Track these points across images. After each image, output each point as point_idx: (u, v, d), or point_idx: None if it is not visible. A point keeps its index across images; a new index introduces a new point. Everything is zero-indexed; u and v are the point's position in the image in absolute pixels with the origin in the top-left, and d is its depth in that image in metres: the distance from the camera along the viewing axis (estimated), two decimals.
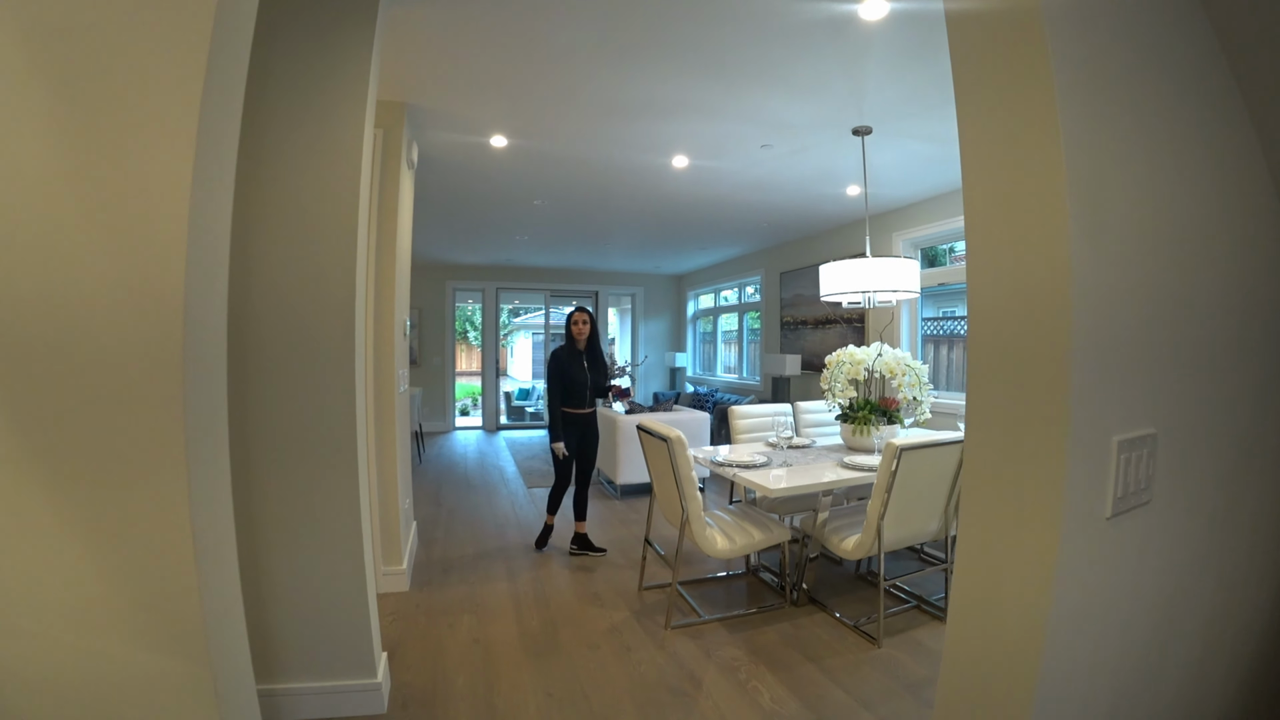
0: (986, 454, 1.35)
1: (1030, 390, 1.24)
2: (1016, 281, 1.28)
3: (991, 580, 1.32)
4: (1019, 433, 1.27)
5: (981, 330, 1.38)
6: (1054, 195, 1.17)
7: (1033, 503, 1.23)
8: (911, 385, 4.01)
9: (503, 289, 11.45)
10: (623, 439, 6.05)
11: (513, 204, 6.31)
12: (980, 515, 1.36)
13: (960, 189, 5.24)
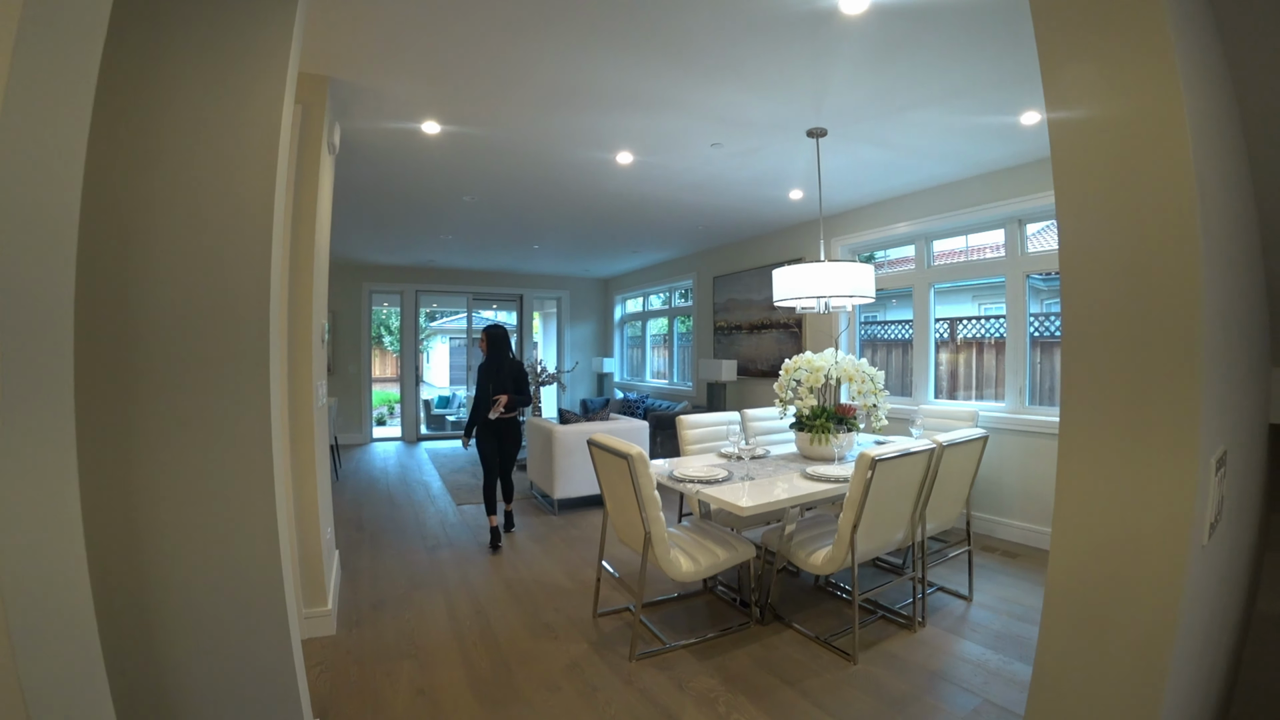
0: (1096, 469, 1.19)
1: (1152, 396, 1.10)
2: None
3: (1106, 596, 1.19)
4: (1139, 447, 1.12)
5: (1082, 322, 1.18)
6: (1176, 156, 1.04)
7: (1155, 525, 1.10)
8: (870, 393, 3.85)
9: (423, 292, 10.88)
10: (560, 452, 5.69)
11: (441, 199, 5.87)
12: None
13: (902, 194, 5.16)
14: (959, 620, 3.52)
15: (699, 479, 3.31)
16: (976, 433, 3.64)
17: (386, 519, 5.56)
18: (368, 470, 8.00)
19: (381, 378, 17.80)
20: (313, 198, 3.09)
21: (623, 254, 9.25)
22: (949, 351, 5.76)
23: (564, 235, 7.74)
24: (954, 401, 5.56)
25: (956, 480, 3.61)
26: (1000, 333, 5.33)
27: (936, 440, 3.33)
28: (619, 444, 3.09)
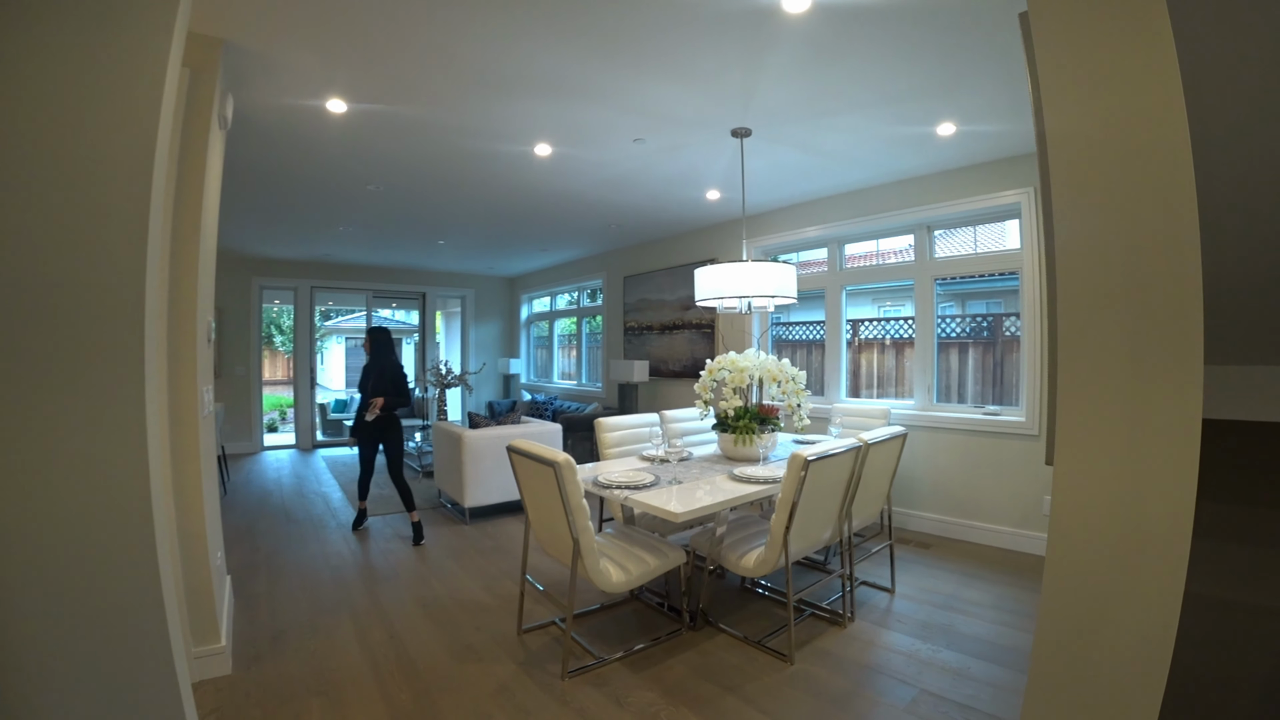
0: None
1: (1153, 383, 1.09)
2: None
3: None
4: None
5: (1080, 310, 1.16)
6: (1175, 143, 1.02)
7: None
8: (794, 393, 3.80)
9: (319, 288, 10.13)
10: (470, 458, 5.39)
11: (343, 187, 5.42)
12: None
13: (817, 199, 5.19)
14: (885, 613, 3.54)
15: (626, 484, 3.15)
16: (897, 430, 3.66)
17: (284, 537, 5.08)
18: (260, 482, 7.35)
19: (273, 380, 16.74)
20: (199, 176, 2.69)
21: (532, 252, 8.98)
22: (854, 351, 5.85)
23: (473, 231, 7.39)
24: (866, 400, 5.66)
25: (879, 477, 3.62)
26: (904, 333, 5.45)
27: (861, 438, 3.31)
28: (543, 450, 2.89)
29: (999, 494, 4.67)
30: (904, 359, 5.49)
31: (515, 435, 5.61)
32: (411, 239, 7.91)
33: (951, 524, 4.90)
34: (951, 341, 5.13)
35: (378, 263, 10.00)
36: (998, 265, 4.79)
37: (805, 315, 6.50)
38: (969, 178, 4.81)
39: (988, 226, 5.05)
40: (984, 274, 4.96)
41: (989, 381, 4.96)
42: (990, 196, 4.69)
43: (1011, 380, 4.82)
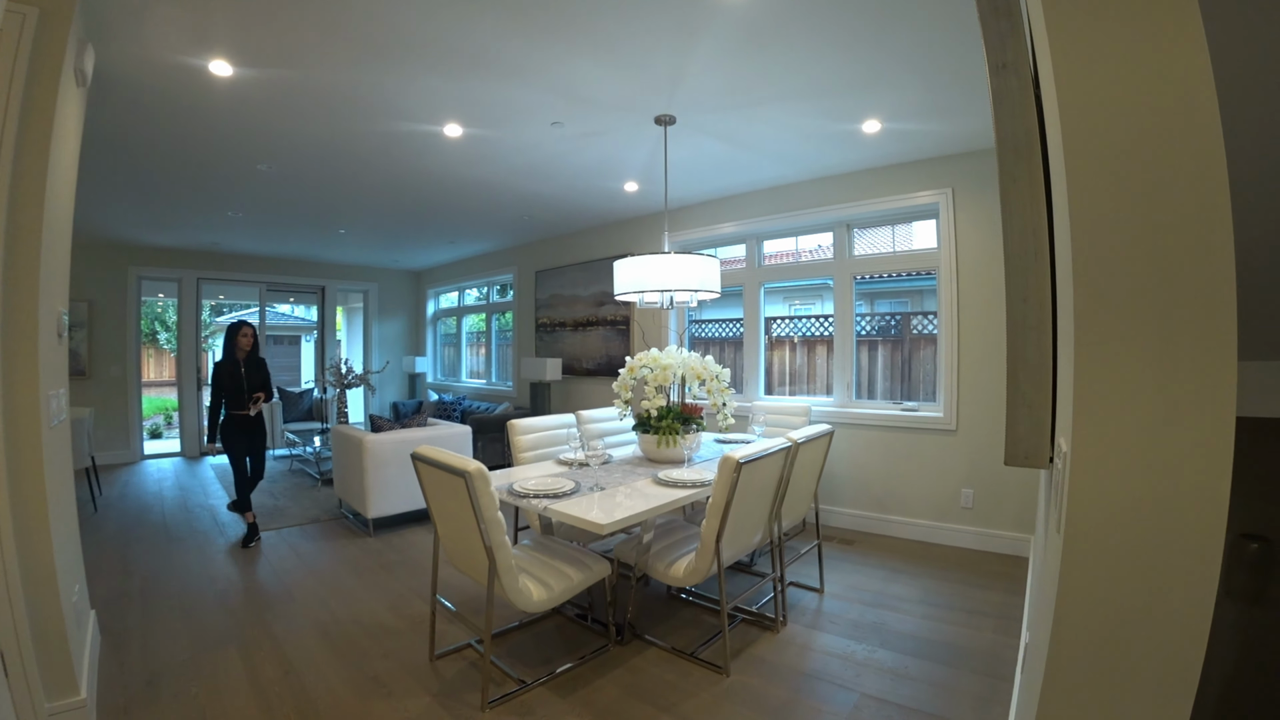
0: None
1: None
2: None
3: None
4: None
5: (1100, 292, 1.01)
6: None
7: None
8: (719, 391, 3.64)
9: (206, 280, 9.24)
10: (373, 464, 4.98)
11: (230, 165, 4.85)
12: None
13: (737, 194, 5.11)
14: (816, 614, 3.45)
15: (544, 492, 2.90)
16: (823, 428, 3.56)
17: (162, 560, 4.47)
18: (137, 495, 6.57)
19: (158, 381, 15.46)
20: (44, 140, 2.22)
21: (439, 245, 8.52)
22: (769, 349, 5.79)
23: (378, 220, 6.89)
24: (784, 397, 5.59)
25: (807, 476, 3.53)
26: (817, 331, 5.43)
27: (791, 438, 3.18)
28: (451, 458, 2.60)
29: (918, 489, 4.69)
30: (816, 356, 5.46)
31: (421, 439, 5.23)
32: (309, 227, 7.29)
33: (872, 519, 4.90)
34: (863, 339, 5.14)
35: (272, 253, 9.20)
36: (916, 264, 4.81)
37: (720, 313, 6.40)
38: (890, 177, 4.80)
39: (901, 227, 5.07)
40: (899, 273, 4.98)
41: (898, 378, 4.98)
42: (909, 196, 4.70)
43: (920, 377, 4.85)
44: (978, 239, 4.44)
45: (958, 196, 4.51)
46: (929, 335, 4.84)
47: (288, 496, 6.50)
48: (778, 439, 3.15)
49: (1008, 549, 4.34)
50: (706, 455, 3.89)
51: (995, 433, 4.38)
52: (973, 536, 4.47)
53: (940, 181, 4.58)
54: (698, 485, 3.04)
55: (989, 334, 4.40)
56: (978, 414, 4.45)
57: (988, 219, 4.40)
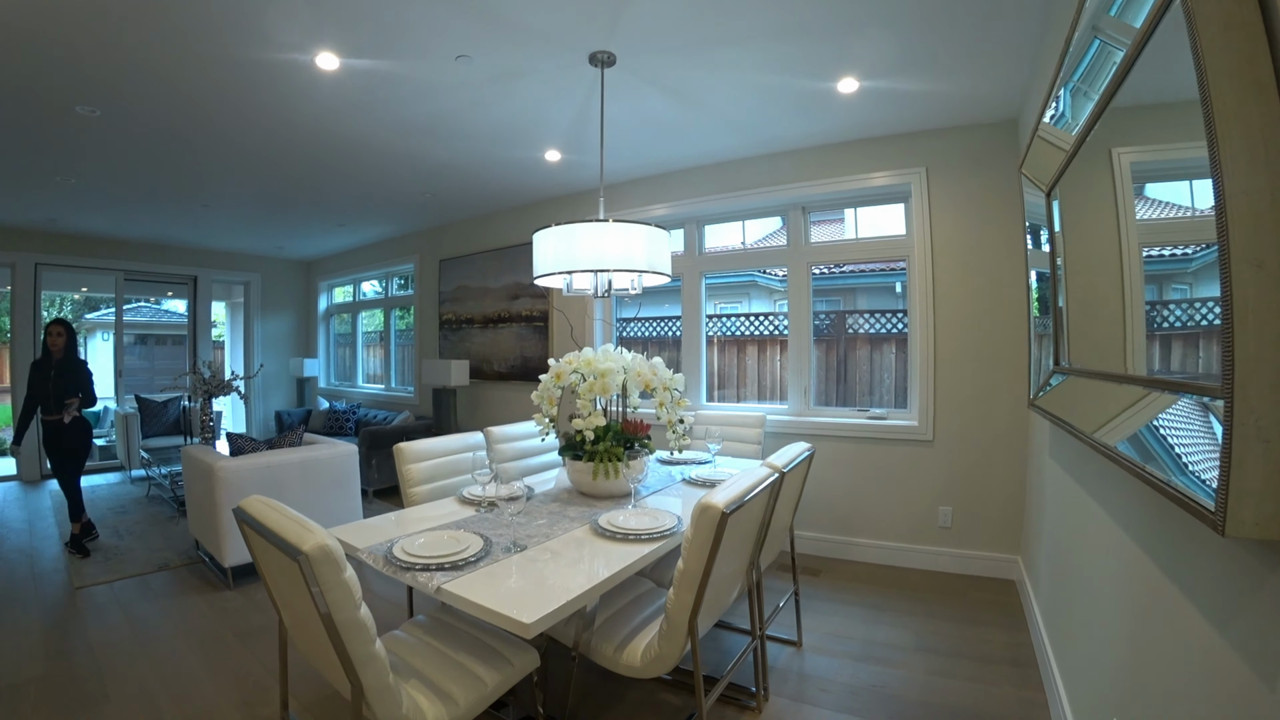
0: None
1: None
2: None
3: None
4: None
5: None
6: None
7: None
8: (674, 404, 2.79)
9: (47, 266, 7.56)
10: (227, 497, 3.82)
11: (41, 107, 3.58)
12: None
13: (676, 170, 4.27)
14: (800, 679, 2.71)
15: (440, 560, 1.97)
16: (803, 448, 2.75)
17: None
18: None
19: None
20: None
21: (326, 228, 7.25)
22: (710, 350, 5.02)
23: (244, 191, 5.57)
24: (735, 405, 4.81)
25: (787, 507, 2.72)
26: (765, 330, 4.68)
27: (773, 465, 2.36)
28: (285, 526, 1.62)
29: (889, 507, 4.00)
30: (766, 358, 4.71)
31: (290, 463, 4.13)
32: (166, 200, 5.85)
33: (838, 543, 4.18)
34: (821, 338, 4.43)
35: (130, 234, 7.60)
36: (882, 253, 4.12)
37: (648, 310, 5.58)
38: (854, 155, 4.10)
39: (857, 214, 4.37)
40: (856, 266, 4.29)
41: (855, 382, 4.30)
42: (873, 176, 4.01)
43: (882, 381, 4.18)
44: (954, 225, 3.79)
45: (932, 177, 3.84)
46: (886, 335, 4.19)
47: (135, 534, 5.14)
48: (753, 467, 2.33)
49: (990, 571, 3.71)
50: (655, 484, 3.04)
51: (977, 442, 3.73)
52: (952, 559, 3.81)
53: (912, 160, 3.90)
54: (657, 536, 2.18)
55: (969, 331, 3.75)
56: (957, 422, 3.79)
57: (966, 203, 3.76)
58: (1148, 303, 1.29)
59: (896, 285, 4.51)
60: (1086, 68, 1.63)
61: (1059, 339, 2.08)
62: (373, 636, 1.57)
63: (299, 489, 4.15)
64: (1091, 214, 1.65)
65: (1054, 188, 1.99)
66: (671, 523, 2.28)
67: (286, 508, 1.74)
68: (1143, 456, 1.23)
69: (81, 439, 4.70)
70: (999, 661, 2.76)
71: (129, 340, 14.11)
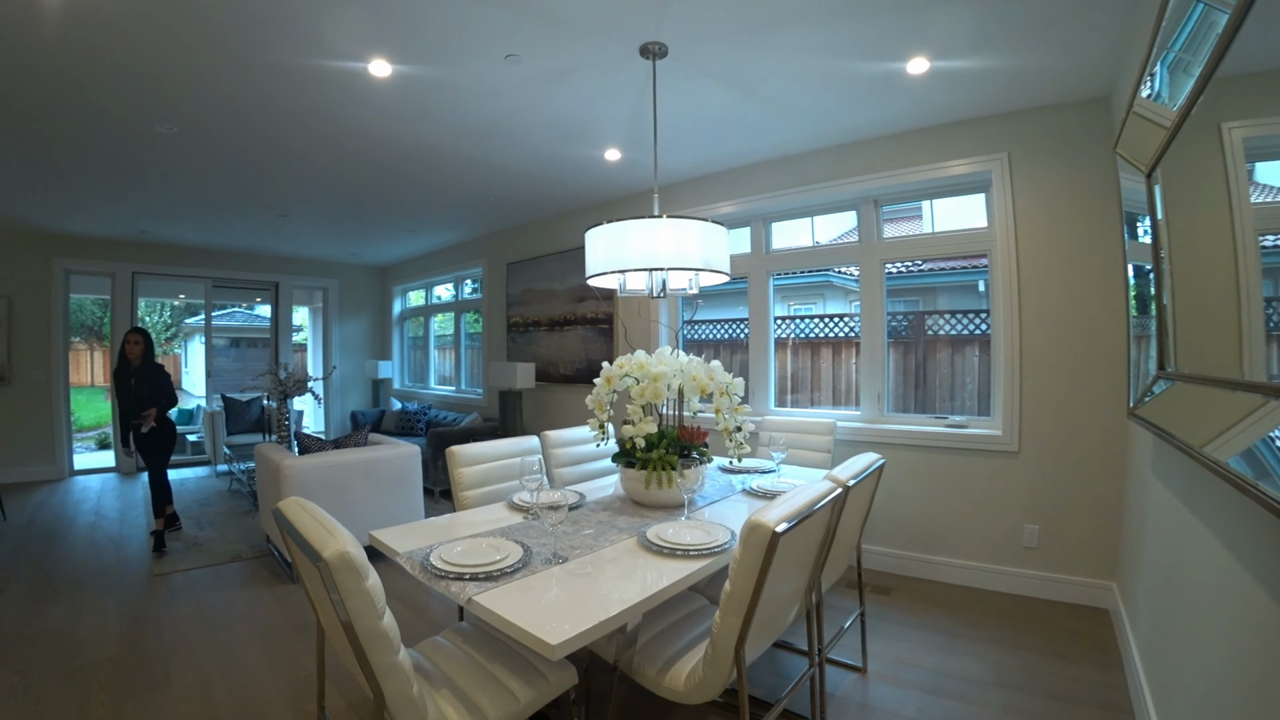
0: None
1: None
2: None
3: None
4: None
5: None
6: None
7: None
8: (732, 411, 2.65)
9: (143, 275, 8.06)
10: (291, 494, 3.91)
11: (122, 127, 3.79)
12: None
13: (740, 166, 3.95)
14: (862, 709, 2.51)
15: (476, 569, 1.88)
16: (873, 460, 2.55)
17: (24, 614, 3.39)
18: (45, 521, 5.46)
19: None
20: None
21: (398, 234, 7.43)
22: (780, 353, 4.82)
23: (314, 200, 5.76)
24: (801, 410, 4.60)
25: (853, 523, 2.53)
26: (837, 332, 4.46)
27: (837, 478, 2.18)
28: (311, 527, 1.57)
29: (968, 523, 3.71)
30: (841, 360, 4.48)
31: (352, 463, 4.20)
32: (246, 212, 6.17)
33: (912, 560, 3.91)
34: (897, 341, 4.17)
35: (215, 244, 8.06)
36: (961, 247, 3.83)
37: (714, 313, 5.43)
38: (927, 142, 3.83)
39: (942, 203, 4.10)
40: (936, 259, 4.01)
41: (935, 387, 4.02)
42: (951, 164, 3.73)
43: (961, 386, 3.90)
44: (1041, 214, 3.48)
45: (1015, 163, 3.55)
46: (968, 336, 3.90)
47: (214, 525, 5.40)
48: (815, 480, 2.16)
49: (1081, 598, 3.38)
50: (713, 494, 2.89)
51: (1068, 455, 3.41)
52: (1037, 583, 3.50)
53: (992, 145, 3.61)
54: (707, 553, 2.04)
55: (1059, 331, 3.43)
56: (1045, 432, 3.47)
57: (1054, 190, 3.44)
58: (1266, 299, 1.08)
59: (979, 283, 4.20)
60: (1189, 33, 1.42)
61: (1163, 340, 1.83)
62: (395, 647, 1.50)
63: (361, 488, 4.21)
64: (1199, 198, 1.42)
65: (1154, 169, 1.75)
66: (725, 538, 2.14)
67: (318, 510, 1.69)
68: (1257, 474, 1.03)
69: (164, 440, 4.86)
70: (1088, 704, 2.46)
71: (224, 343, 14.95)
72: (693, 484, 2.44)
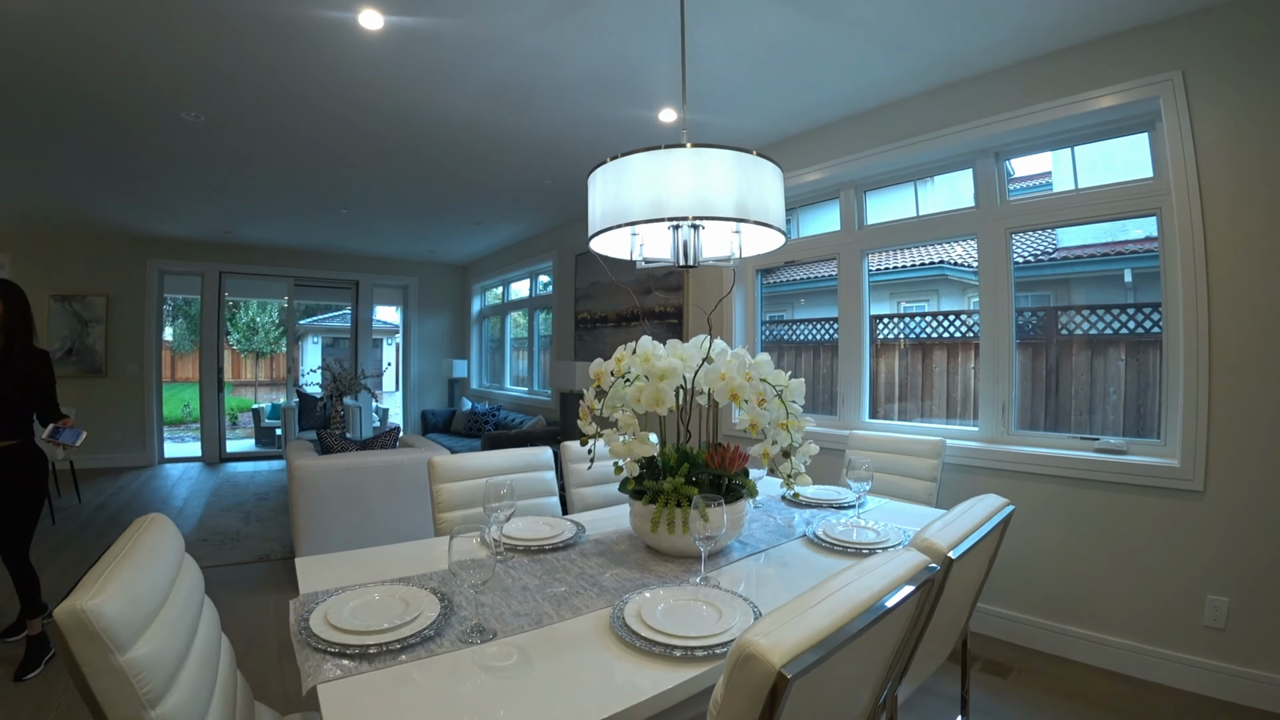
0: None
1: None
2: None
3: None
4: None
5: None
6: None
7: None
8: (789, 426, 1.83)
9: (230, 274, 8.18)
10: (302, 498, 3.51)
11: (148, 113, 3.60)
12: None
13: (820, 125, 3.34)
14: None
15: (349, 639, 1.22)
16: (994, 504, 1.65)
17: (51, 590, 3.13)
18: (115, 505, 5.59)
19: (244, 382, 15.44)
20: None
21: (465, 228, 6.98)
22: (873, 355, 3.90)
23: (373, 193, 5.46)
24: (897, 424, 3.67)
25: (960, 601, 1.65)
26: (950, 332, 3.52)
27: (935, 545, 1.32)
28: (105, 563, 0.96)
29: (1122, 585, 2.67)
30: (956, 363, 3.52)
31: (370, 467, 3.70)
32: (308, 206, 5.94)
33: (1040, 630, 2.89)
34: (1026, 341, 3.18)
35: (295, 244, 8.03)
36: (1115, 206, 2.80)
37: (813, 311, 4.56)
38: (1062, 69, 2.83)
39: (1084, 151, 3.07)
40: (1072, 221, 3.00)
41: (1059, 395, 3.02)
42: (1094, 95, 2.72)
43: (1084, 396, 2.88)
44: (1236, 153, 2.42)
45: (1192, 85, 2.50)
46: (1113, 336, 2.88)
47: (260, 521, 5.22)
48: (893, 550, 1.32)
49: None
50: (762, 536, 2.05)
51: (1277, 497, 2.35)
52: (1222, 679, 2.42)
53: (1157, 63, 2.58)
54: (702, 653, 1.24)
55: (1270, 323, 2.37)
56: (1246, 465, 2.40)
57: (1255, 118, 2.38)
58: None
59: (1125, 273, 3.17)
60: None
61: None
62: None
63: (381, 495, 3.71)
64: None
65: None
66: (740, 625, 1.34)
67: (154, 537, 1.21)
68: None
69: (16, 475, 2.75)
70: None
71: (327, 341, 15.31)
72: (715, 530, 1.63)
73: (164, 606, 1.09)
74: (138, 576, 1.03)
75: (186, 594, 1.23)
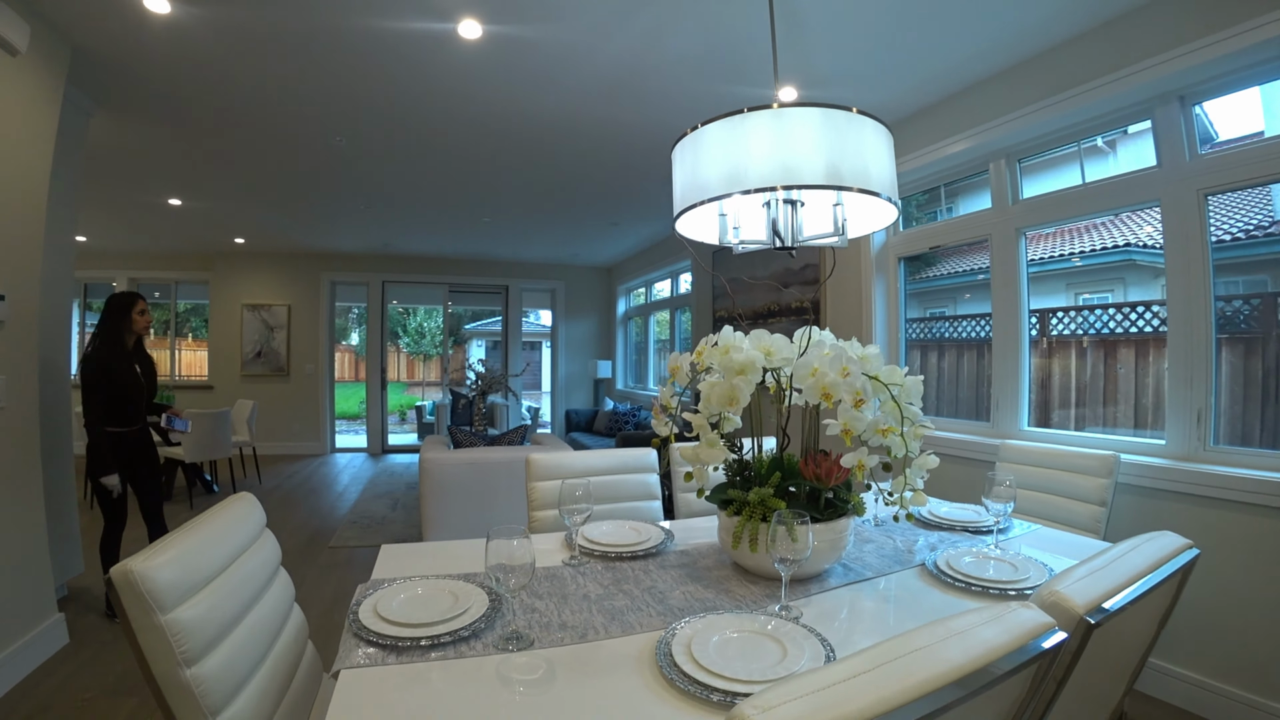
0: None
1: None
2: None
3: None
4: None
5: None
6: None
7: None
8: (876, 428, 1.57)
9: (391, 282, 9.01)
10: (429, 489, 3.71)
11: (299, 141, 4.07)
12: None
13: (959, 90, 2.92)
14: None
15: (389, 630, 1.15)
16: (1165, 551, 1.25)
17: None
18: (287, 487, 6.40)
19: (415, 382, 17.22)
20: None
21: (601, 229, 7.06)
22: (1039, 354, 3.38)
23: (509, 198, 5.67)
24: (1075, 433, 3.13)
25: (1111, 667, 1.30)
26: (1141, 325, 2.97)
27: (1063, 602, 0.98)
28: (186, 533, 1.03)
29: None
30: (1144, 362, 2.96)
31: (494, 462, 3.80)
32: (451, 217, 6.40)
33: (1236, 704, 2.26)
34: (1232, 337, 2.57)
35: (449, 252, 8.65)
36: None
37: (974, 306, 4.07)
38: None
39: None
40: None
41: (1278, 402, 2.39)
42: None
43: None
44: None
45: None
46: None
47: (408, 508, 5.60)
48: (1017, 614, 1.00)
49: None
50: (873, 559, 1.79)
51: None
52: None
53: None
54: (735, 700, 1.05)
55: None
56: None
57: None
58: None
59: None
60: None
61: None
62: (208, 709, 1.03)
63: (504, 489, 3.82)
64: None
65: None
66: (808, 667, 1.12)
67: (231, 513, 1.35)
68: None
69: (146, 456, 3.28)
70: None
71: (490, 345, 16.24)
72: (801, 553, 1.39)
73: (220, 575, 1.18)
74: (197, 547, 1.14)
75: (256, 566, 1.31)
